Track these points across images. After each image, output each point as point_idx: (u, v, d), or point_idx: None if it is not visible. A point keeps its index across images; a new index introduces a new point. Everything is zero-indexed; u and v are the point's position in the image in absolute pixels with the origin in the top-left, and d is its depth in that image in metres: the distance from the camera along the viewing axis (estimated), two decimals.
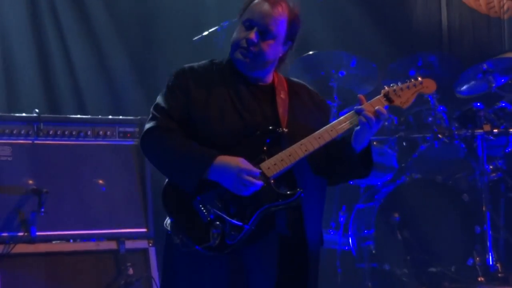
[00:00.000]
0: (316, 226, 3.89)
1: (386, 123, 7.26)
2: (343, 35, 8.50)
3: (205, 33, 7.29)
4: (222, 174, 3.67)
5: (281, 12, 3.81)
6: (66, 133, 5.71)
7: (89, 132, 5.76)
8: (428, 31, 9.15)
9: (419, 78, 3.98)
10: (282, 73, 4.03)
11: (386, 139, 7.27)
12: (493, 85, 7.20)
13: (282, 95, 3.91)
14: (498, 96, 7.36)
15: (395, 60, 7.61)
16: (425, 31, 9.12)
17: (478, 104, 7.14)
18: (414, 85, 3.95)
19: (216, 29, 7.23)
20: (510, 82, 7.50)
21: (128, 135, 5.86)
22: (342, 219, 7.32)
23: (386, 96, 3.87)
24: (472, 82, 7.40)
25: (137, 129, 5.85)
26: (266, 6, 3.81)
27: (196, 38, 7.31)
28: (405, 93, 3.91)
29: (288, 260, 3.80)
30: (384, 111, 3.77)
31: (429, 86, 3.99)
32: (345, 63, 7.41)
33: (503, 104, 7.21)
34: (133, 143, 5.84)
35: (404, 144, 7.37)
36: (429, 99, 7.12)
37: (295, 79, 4.10)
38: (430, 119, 7.13)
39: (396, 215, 6.77)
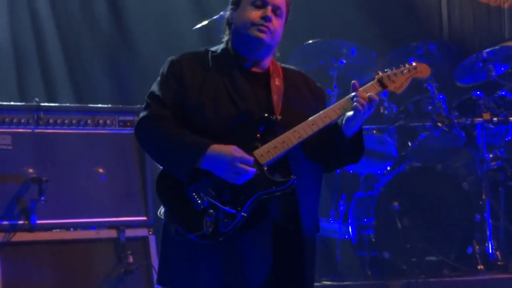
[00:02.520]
0: (311, 212, 3.90)
1: (386, 112, 7.27)
2: (343, 24, 8.46)
3: (205, 22, 7.29)
4: (215, 162, 3.69)
5: None
6: (66, 121, 5.72)
7: (89, 121, 5.78)
8: (428, 19, 9.12)
9: (413, 63, 3.99)
10: (279, 60, 4.06)
11: (386, 128, 7.27)
12: (493, 73, 7.19)
13: (277, 82, 3.92)
14: (498, 85, 7.34)
15: (395, 49, 7.61)
16: (425, 19, 9.09)
17: (478, 92, 7.14)
18: (408, 70, 3.95)
19: (216, 18, 7.23)
20: (510, 70, 7.48)
21: (128, 123, 5.87)
22: (342, 207, 7.33)
23: (380, 81, 3.89)
24: (472, 71, 7.39)
25: (137, 118, 5.76)
26: None
27: (196, 27, 7.31)
28: (399, 78, 3.92)
29: (283, 247, 3.81)
30: (376, 97, 3.79)
31: (423, 70, 4.00)
32: (345, 52, 7.41)
33: (503, 93, 7.20)
34: (133, 131, 5.84)
35: (403, 132, 7.37)
36: (428, 87, 7.12)
37: (291, 66, 4.12)
38: (429, 107, 7.12)
39: (396, 203, 6.78)
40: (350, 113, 3.77)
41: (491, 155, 7.20)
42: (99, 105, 5.99)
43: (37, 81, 7.47)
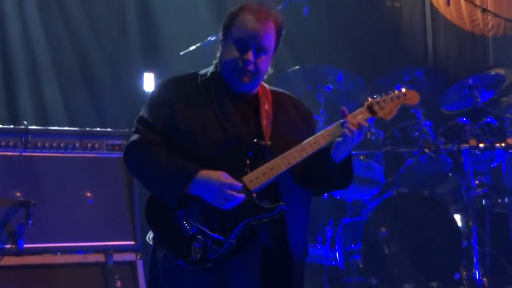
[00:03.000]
0: (300, 237, 3.89)
1: (373, 138, 7.29)
2: (330, 50, 8.53)
3: (192, 47, 7.32)
4: (204, 188, 3.69)
5: (271, 26, 3.85)
6: (54, 145, 5.72)
7: (77, 144, 5.78)
8: (413, 47, 9.22)
9: (403, 90, 3.98)
10: (267, 83, 4.06)
11: (373, 154, 7.30)
12: (479, 100, 7.24)
13: (266, 107, 3.92)
14: (483, 111, 7.40)
15: (381, 76, 7.66)
16: (411, 47, 9.18)
17: (464, 119, 7.19)
18: (398, 97, 3.95)
19: (203, 43, 7.26)
20: (495, 97, 7.54)
21: (116, 147, 5.88)
22: (329, 233, 7.32)
23: (369, 107, 3.88)
24: (458, 97, 7.44)
25: (125, 142, 5.81)
26: (256, 24, 3.81)
27: (183, 52, 7.33)
28: (388, 104, 3.92)
29: (271, 272, 3.81)
30: (366, 123, 3.79)
31: (412, 97, 4.00)
32: (332, 78, 7.43)
33: (489, 120, 7.26)
34: (121, 155, 5.75)
35: (390, 158, 7.40)
36: (415, 113, 7.17)
37: (280, 89, 4.11)
38: (416, 133, 7.16)
39: (383, 229, 6.80)
40: (340, 139, 3.78)
41: (477, 182, 7.24)
42: (87, 129, 5.99)
43: (27, 103, 7.43)
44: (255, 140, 3.80)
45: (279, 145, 3.80)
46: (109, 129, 6.00)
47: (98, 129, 6.02)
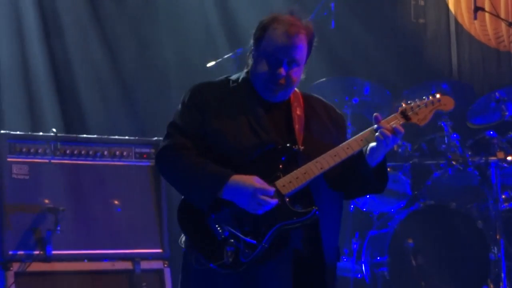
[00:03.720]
0: (333, 241, 3.88)
1: (400, 150, 7.27)
2: (356, 63, 8.54)
3: (219, 60, 7.35)
4: (236, 193, 3.68)
5: (302, 39, 3.81)
6: (83, 152, 5.74)
7: (105, 152, 5.80)
8: (438, 63, 9.20)
9: (437, 95, 3.95)
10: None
11: (400, 166, 7.27)
12: (506, 113, 7.20)
13: (298, 112, 3.91)
14: (511, 125, 7.36)
15: (408, 88, 7.64)
16: (436, 63, 9.17)
17: (491, 132, 7.14)
18: (432, 103, 3.92)
19: (230, 55, 7.29)
20: None
21: (144, 156, 5.88)
22: (355, 246, 7.29)
23: (403, 113, 3.85)
24: (485, 111, 7.40)
25: (153, 150, 5.87)
26: (287, 38, 3.78)
27: (210, 64, 7.36)
28: (422, 110, 3.89)
29: (304, 276, 3.80)
30: (401, 128, 3.76)
31: (447, 103, 3.97)
32: (359, 90, 7.44)
33: None
34: (149, 164, 5.86)
35: (417, 171, 7.37)
36: (443, 126, 7.14)
37: (311, 94, 4.11)
38: (443, 146, 7.13)
39: (410, 241, 6.76)
40: (373, 144, 3.76)
41: (503, 196, 7.18)
42: (116, 137, 6.01)
43: (53, 111, 7.47)
44: (288, 145, 3.79)
45: (312, 150, 3.79)
46: (137, 138, 6.00)
47: (127, 137, 6.02)
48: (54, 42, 7.65)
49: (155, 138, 5.90)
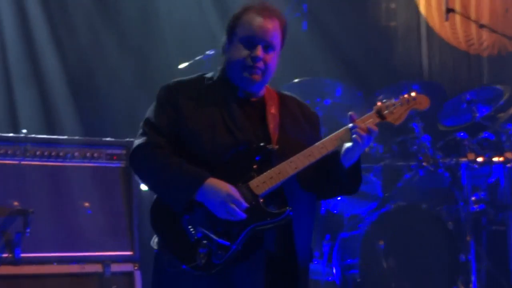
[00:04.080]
0: (306, 242, 3.88)
1: (371, 151, 7.27)
2: (328, 64, 8.54)
3: (190, 61, 7.31)
4: (209, 197, 3.66)
5: (276, 23, 3.84)
6: (53, 154, 5.64)
7: (76, 154, 5.71)
8: (409, 66, 9.22)
9: (412, 94, 3.94)
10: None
11: (371, 167, 7.27)
12: (477, 115, 7.24)
13: (272, 110, 3.90)
14: (481, 126, 7.39)
15: (379, 89, 7.64)
16: (406, 65, 9.19)
17: (462, 133, 7.17)
18: (407, 101, 3.91)
19: (202, 57, 7.25)
20: (492, 113, 7.53)
21: (115, 157, 5.81)
22: (326, 248, 7.27)
23: (379, 112, 3.85)
24: (456, 112, 7.43)
25: (124, 151, 5.79)
26: (263, 21, 3.82)
27: (181, 66, 7.31)
28: (397, 109, 3.88)
29: (277, 277, 3.79)
30: (376, 128, 3.75)
31: (422, 102, 3.96)
32: (331, 92, 7.43)
33: (486, 135, 7.24)
34: (120, 165, 5.79)
35: (389, 172, 7.37)
36: (413, 127, 7.15)
37: (286, 92, 4.10)
38: (414, 147, 7.13)
39: (381, 243, 6.76)
40: (348, 144, 3.75)
41: (473, 198, 7.20)
42: (86, 138, 5.96)
43: (27, 111, 7.38)
44: (262, 144, 3.77)
45: (286, 149, 3.78)
46: (108, 138, 5.94)
47: (97, 138, 5.95)
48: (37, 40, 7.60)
49: (127, 139, 5.83)
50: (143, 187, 5.64)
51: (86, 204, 5.69)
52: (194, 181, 3.68)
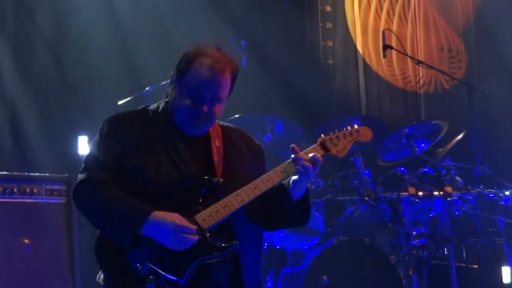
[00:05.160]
0: (254, 275, 3.84)
1: (313, 186, 7.27)
2: (267, 100, 8.56)
3: (129, 98, 7.25)
4: (157, 230, 3.61)
5: (227, 76, 3.80)
6: None
7: (15, 189, 5.63)
8: (348, 102, 9.30)
9: (355, 126, 3.97)
10: None
11: (313, 202, 7.24)
12: (417, 149, 7.31)
13: (217, 143, 3.89)
14: (421, 161, 7.46)
15: (319, 125, 7.67)
16: (345, 102, 9.27)
17: (402, 168, 7.23)
18: (350, 133, 3.93)
19: (141, 93, 7.20)
20: (431, 148, 7.62)
21: (55, 193, 5.74)
22: (269, 284, 7.22)
23: (322, 144, 3.85)
24: (396, 147, 7.48)
25: (64, 187, 5.74)
26: (214, 76, 3.77)
27: (121, 102, 7.25)
28: (341, 141, 3.89)
29: None
30: (320, 158, 3.75)
31: (365, 134, 3.99)
32: (271, 127, 7.41)
33: (426, 169, 7.31)
34: (60, 201, 5.73)
35: (331, 207, 7.38)
36: (355, 162, 7.19)
37: (228, 124, 4.09)
38: (356, 182, 7.17)
39: (325, 277, 6.73)
40: (295, 177, 3.74)
41: (414, 233, 7.24)
42: (26, 173, 5.85)
43: None
44: (206, 178, 3.74)
45: (231, 181, 3.76)
46: (48, 174, 5.85)
47: (37, 174, 5.85)
48: None
49: (66, 174, 5.75)
50: None
51: (26, 241, 5.59)
52: (139, 215, 3.62)
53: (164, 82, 6.29)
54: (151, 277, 3.60)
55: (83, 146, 6.67)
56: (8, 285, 5.49)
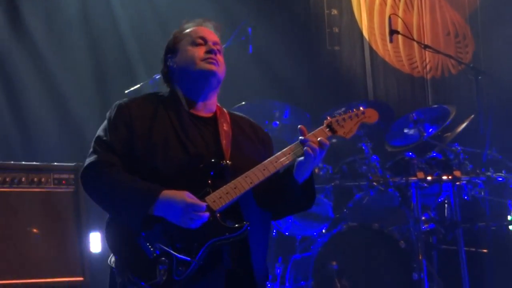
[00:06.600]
0: (262, 259, 3.85)
1: (321, 173, 7.26)
2: (274, 87, 8.55)
3: (137, 86, 7.25)
4: (168, 209, 3.61)
5: (217, 32, 4.03)
6: (0, 179, 5.56)
7: (23, 179, 5.62)
8: (354, 89, 9.28)
9: (361, 108, 3.99)
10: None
11: (322, 188, 7.23)
12: (425, 134, 7.29)
13: (225, 127, 3.91)
14: (429, 146, 7.44)
15: (327, 110, 7.65)
16: (352, 88, 9.25)
17: (410, 153, 7.21)
18: (357, 115, 3.96)
19: (148, 81, 7.20)
20: (439, 133, 7.60)
21: (63, 182, 5.73)
22: (278, 271, 7.21)
23: (329, 126, 3.89)
24: (404, 133, 7.47)
25: (72, 176, 5.73)
26: (206, 26, 3.99)
27: (128, 90, 7.25)
28: (347, 123, 3.92)
29: None
30: (327, 141, 3.78)
31: (371, 115, 4.01)
32: (278, 114, 7.42)
33: (434, 154, 7.29)
34: (69, 189, 5.72)
35: (339, 193, 7.36)
36: (363, 147, 7.17)
37: (237, 112, 4.12)
38: (364, 168, 7.13)
39: (334, 263, 6.72)
40: (301, 158, 3.74)
41: (423, 218, 7.23)
42: (34, 163, 5.83)
43: None
44: (215, 160, 3.74)
45: (240, 165, 3.76)
46: (55, 163, 5.84)
47: (45, 163, 5.85)
48: None
49: (75, 163, 5.74)
50: None
51: (35, 230, 5.58)
52: (149, 195, 3.62)
53: None
54: (163, 258, 3.59)
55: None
56: (17, 275, 5.48)
